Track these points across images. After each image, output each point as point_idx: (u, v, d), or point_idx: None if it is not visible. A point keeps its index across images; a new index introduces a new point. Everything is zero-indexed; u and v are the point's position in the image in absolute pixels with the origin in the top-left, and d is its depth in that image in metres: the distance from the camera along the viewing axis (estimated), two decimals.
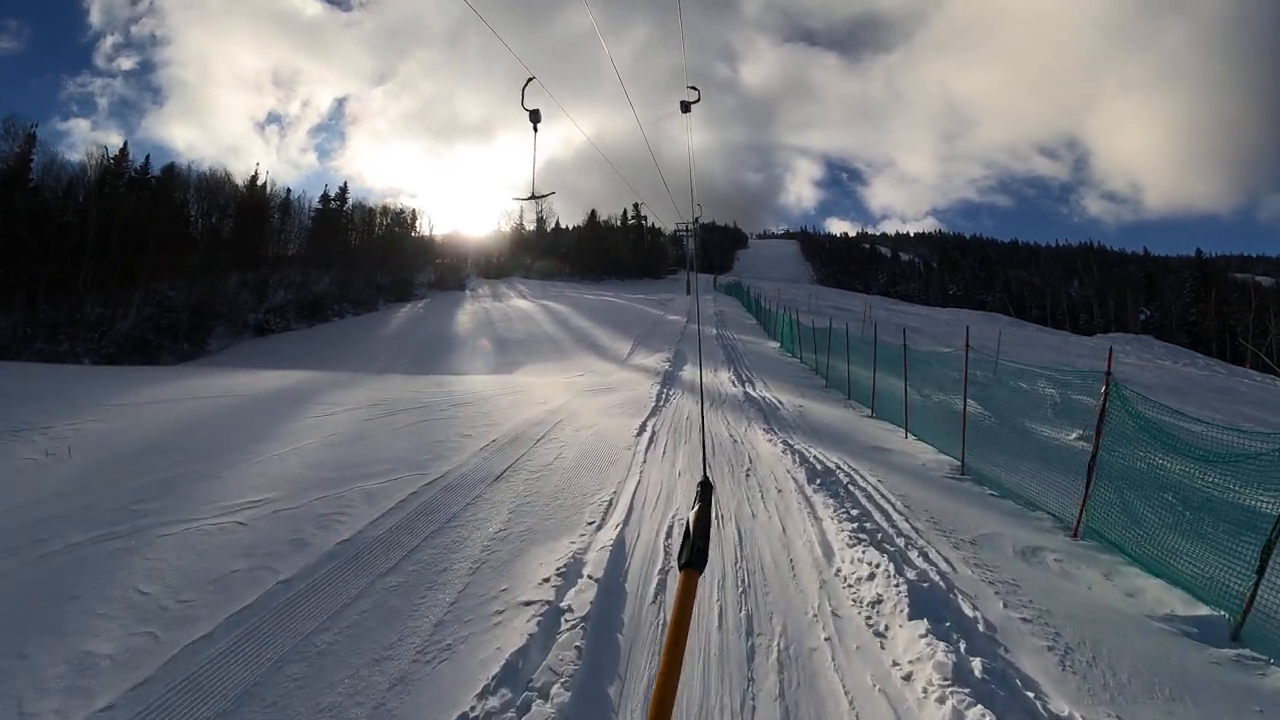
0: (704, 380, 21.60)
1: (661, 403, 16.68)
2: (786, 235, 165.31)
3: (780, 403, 17.78)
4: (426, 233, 78.70)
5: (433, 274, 65.10)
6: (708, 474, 1.61)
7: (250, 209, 62.11)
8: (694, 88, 8.97)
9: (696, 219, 74.57)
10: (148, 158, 61.41)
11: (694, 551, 1.16)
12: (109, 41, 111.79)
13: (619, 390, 18.83)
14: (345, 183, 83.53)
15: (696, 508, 1.25)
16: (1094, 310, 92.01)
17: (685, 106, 8.98)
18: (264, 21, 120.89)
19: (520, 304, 53.11)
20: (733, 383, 21.10)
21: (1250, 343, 70.19)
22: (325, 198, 67.70)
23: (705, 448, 4.59)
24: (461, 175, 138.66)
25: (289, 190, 67.00)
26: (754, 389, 20.15)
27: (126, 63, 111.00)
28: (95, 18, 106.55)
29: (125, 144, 57.94)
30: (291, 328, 46.43)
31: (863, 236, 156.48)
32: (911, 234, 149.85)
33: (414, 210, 77.29)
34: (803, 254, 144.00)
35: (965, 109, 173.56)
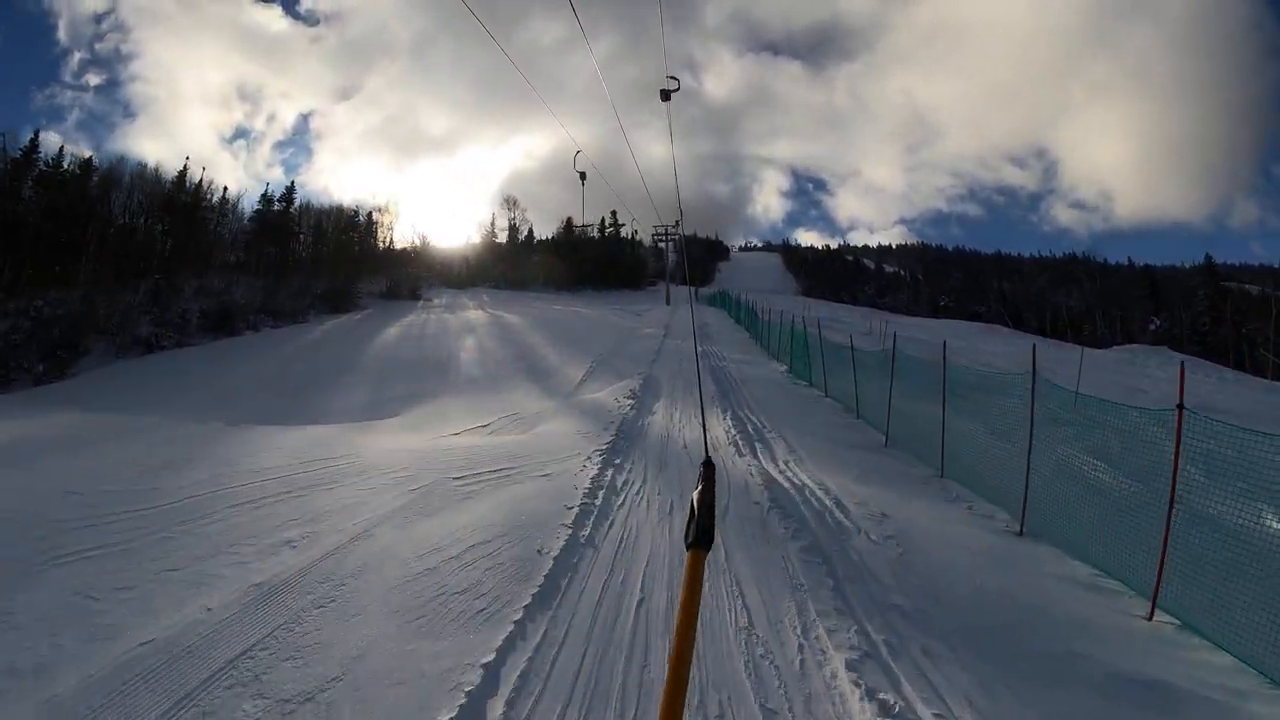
0: (688, 442, 12.24)
1: (589, 528, 7.09)
2: (768, 247, 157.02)
3: (839, 503, 8.37)
4: (384, 239, 68.83)
5: (384, 283, 55.39)
6: (710, 454, 1.41)
7: (177, 209, 52.28)
8: (674, 78, 7.99)
9: (678, 222, 65.60)
10: (61, 149, 51.27)
11: (700, 530, 1.12)
12: (76, 58, 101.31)
13: (522, 473, 9.33)
14: (292, 182, 73.20)
15: (700, 487, 1.21)
16: (1097, 321, 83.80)
17: (665, 95, 8.01)
18: (230, 37, 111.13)
19: (472, 316, 43.50)
20: (735, 443, 11.72)
21: (1272, 353, 63.87)
22: (265, 198, 57.81)
23: (704, 426, 2.81)
24: (427, 188, 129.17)
25: (225, 189, 56.98)
26: (775, 459, 10.75)
27: (95, 78, 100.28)
28: (62, 33, 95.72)
29: (36, 133, 47.88)
30: (187, 343, 36.67)
31: (844, 249, 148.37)
32: (893, 246, 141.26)
33: (370, 213, 67.22)
34: (785, 266, 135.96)
35: (931, 117, 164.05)
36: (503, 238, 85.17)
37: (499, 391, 19.41)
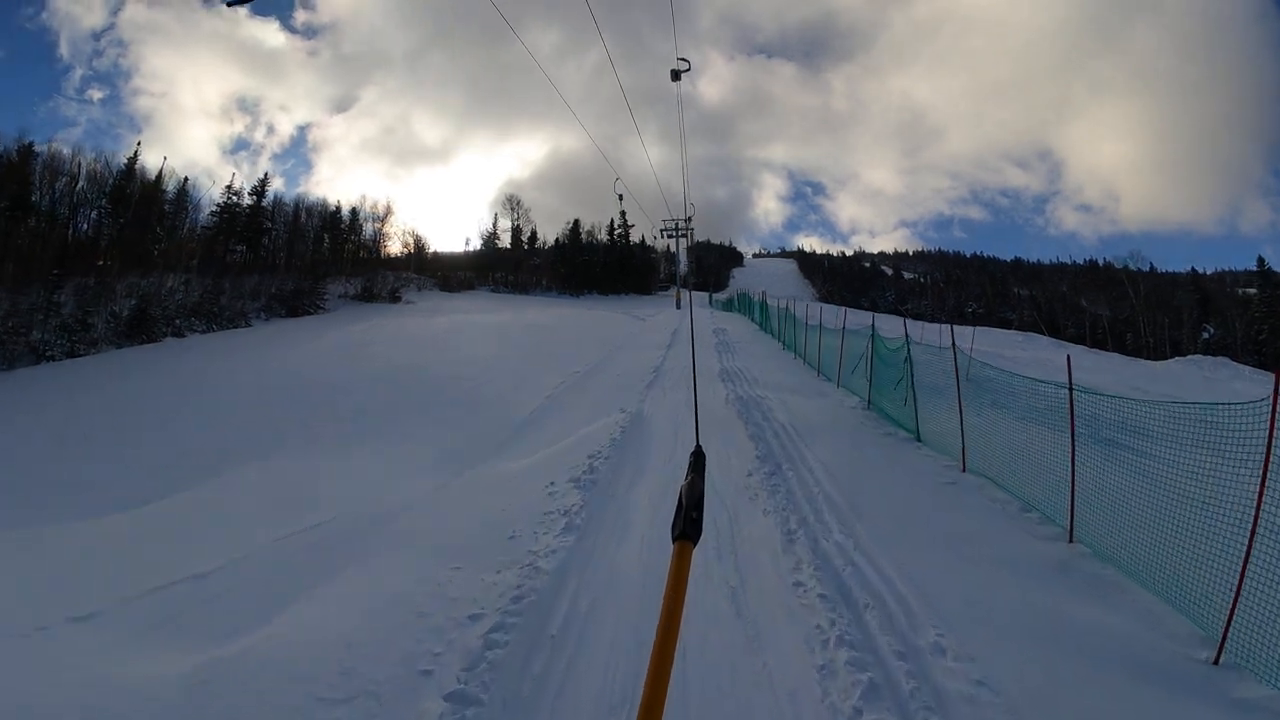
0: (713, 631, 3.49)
1: None
2: (783, 254, 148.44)
3: None
4: (373, 239, 60.49)
5: (359, 284, 47.08)
6: (700, 444, 1.27)
7: (124, 200, 44.38)
8: (684, 59, 7.41)
9: (689, 218, 56.98)
10: None
11: (687, 522, 1.01)
12: (78, 74, 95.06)
13: None
14: (265, 174, 64.73)
15: (689, 478, 1.10)
16: (1141, 329, 73.95)
17: (675, 75, 7.46)
18: (228, 51, 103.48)
19: (444, 321, 34.70)
20: None
21: None
22: (230, 190, 49.51)
23: (695, 402, 2.58)
24: (424, 195, 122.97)
25: (185, 179, 48.89)
26: None
27: (97, 93, 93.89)
28: (64, 49, 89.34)
29: None
30: (83, 352, 28.54)
31: (861, 255, 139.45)
32: (909, 252, 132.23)
33: (353, 209, 59.18)
34: (801, 272, 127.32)
35: (930, 119, 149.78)
36: (505, 239, 76.67)
37: (380, 443, 10.88)
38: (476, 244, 76.26)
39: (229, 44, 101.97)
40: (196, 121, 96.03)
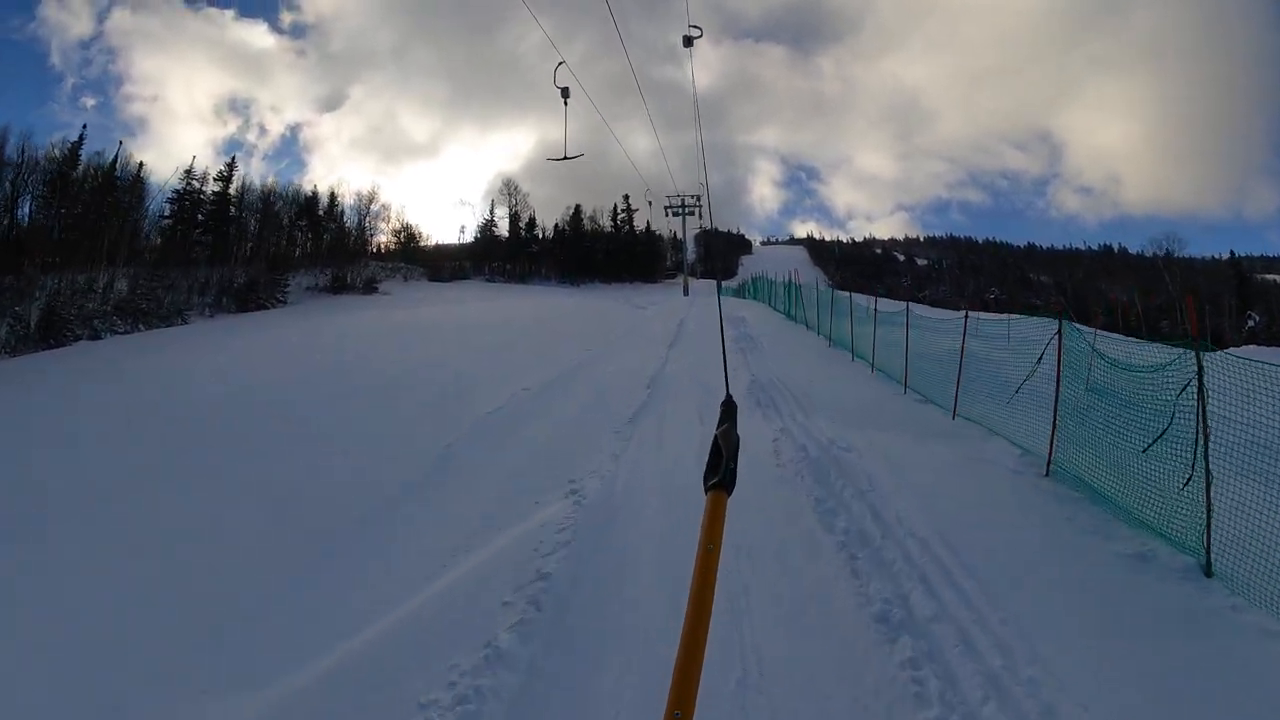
0: None
1: None
2: (792, 241, 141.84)
3: None
4: (354, 225, 54.29)
5: (329, 275, 41.09)
6: (730, 395, 1.16)
7: (68, 189, 38.45)
8: (696, 26, 7.40)
9: (696, 196, 50.93)
10: None
11: (724, 472, 0.93)
12: (70, 82, 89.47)
13: None
14: (233, 158, 57.41)
15: (724, 426, 1.02)
16: (1179, 316, 67.44)
17: (688, 41, 7.49)
18: (217, 55, 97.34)
19: (404, 315, 28.74)
20: None
21: None
22: (189, 174, 43.33)
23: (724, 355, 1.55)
24: (417, 191, 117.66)
25: (141, 164, 42.70)
26: None
27: (90, 100, 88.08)
28: (55, 59, 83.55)
29: None
30: None
31: (872, 241, 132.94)
32: (920, 238, 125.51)
33: (332, 193, 53.00)
34: (811, 259, 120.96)
35: (924, 101, 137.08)
36: (503, 226, 70.23)
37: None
38: (473, 234, 70.35)
39: (218, 47, 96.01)
40: (189, 125, 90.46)
